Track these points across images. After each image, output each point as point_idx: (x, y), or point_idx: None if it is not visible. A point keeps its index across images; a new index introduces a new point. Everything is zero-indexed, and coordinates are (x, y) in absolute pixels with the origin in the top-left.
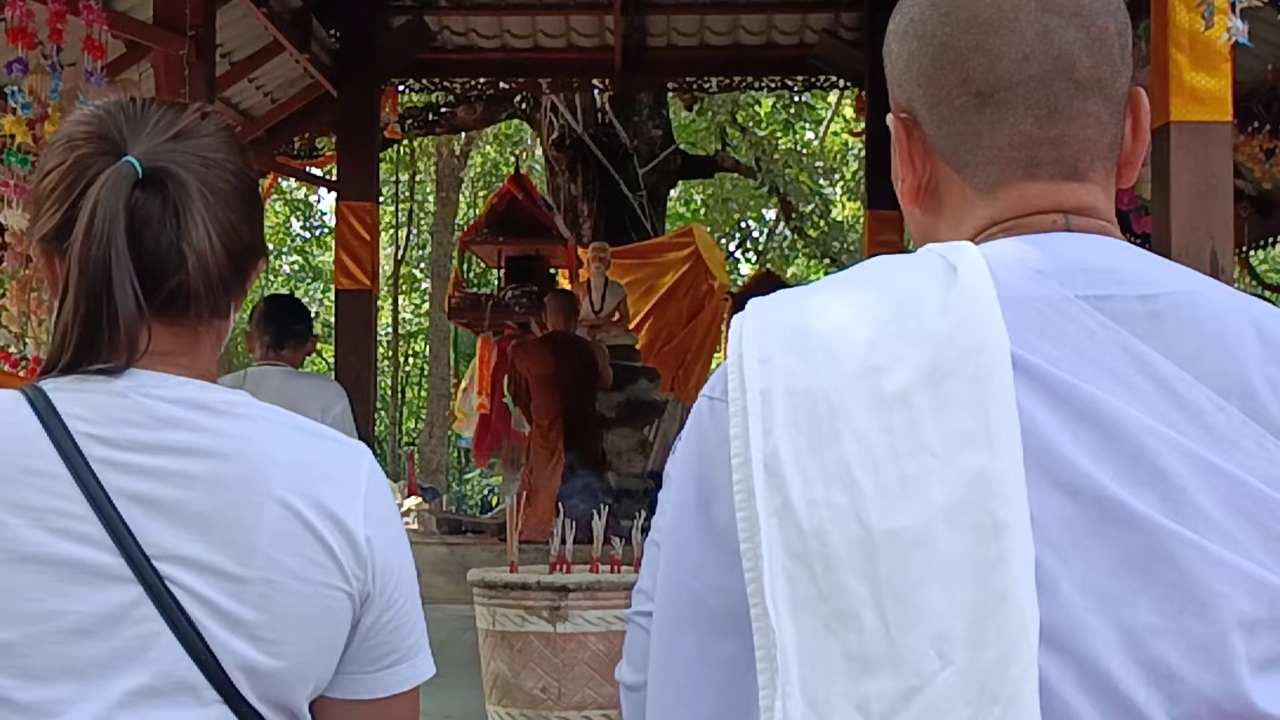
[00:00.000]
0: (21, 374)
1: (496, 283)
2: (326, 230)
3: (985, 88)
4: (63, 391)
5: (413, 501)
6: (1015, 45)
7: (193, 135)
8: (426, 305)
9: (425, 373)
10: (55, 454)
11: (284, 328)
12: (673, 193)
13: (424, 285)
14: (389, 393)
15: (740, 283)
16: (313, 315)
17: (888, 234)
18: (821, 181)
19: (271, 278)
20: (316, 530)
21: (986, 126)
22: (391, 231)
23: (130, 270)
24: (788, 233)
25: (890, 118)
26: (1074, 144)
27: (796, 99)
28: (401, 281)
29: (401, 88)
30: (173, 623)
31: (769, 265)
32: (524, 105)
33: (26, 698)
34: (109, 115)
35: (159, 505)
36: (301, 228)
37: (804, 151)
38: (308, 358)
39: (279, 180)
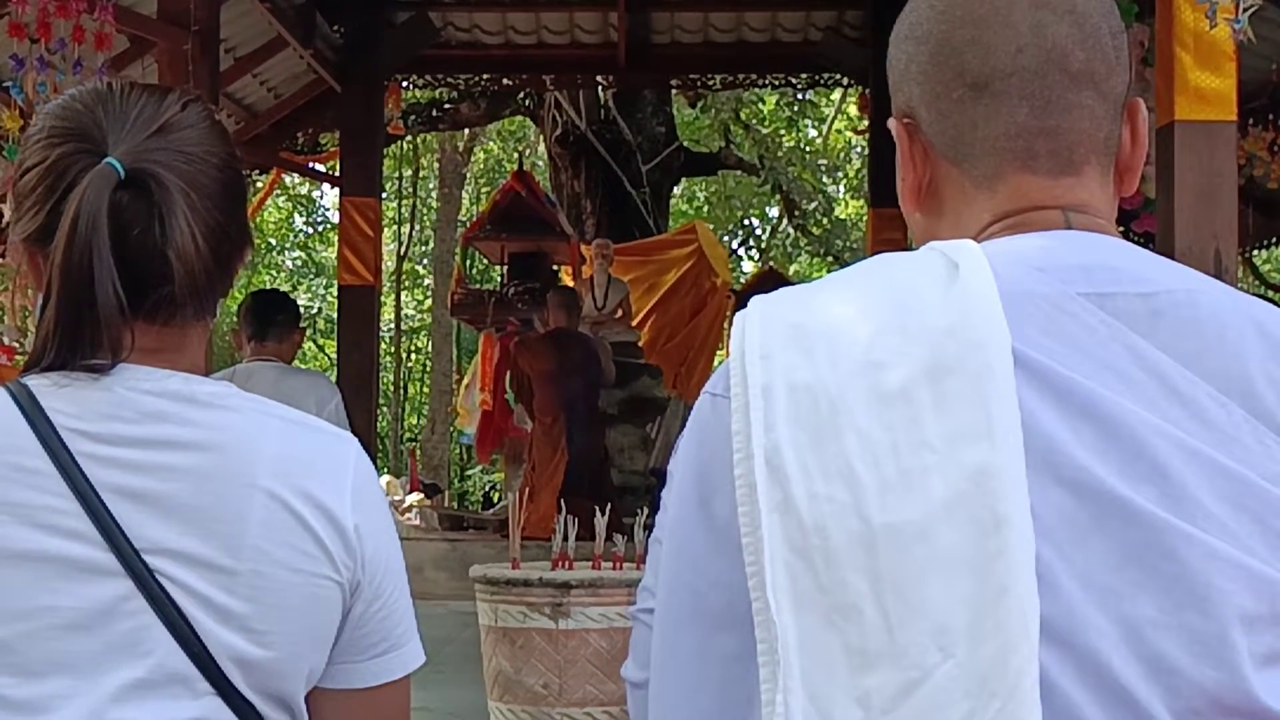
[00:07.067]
0: (21, 367)
1: (499, 279)
2: (329, 226)
3: (980, 79)
4: (48, 387)
5: (414, 497)
6: (1009, 38)
7: (175, 129)
8: (429, 301)
9: (428, 369)
10: (41, 450)
11: (265, 320)
12: (676, 190)
13: (427, 281)
14: (391, 388)
15: (743, 280)
16: (315, 311)
17: (891, 232)
18: (825, 179)
19: (274, 273)
20: (305, 520)
21: (983, 117)
22: (394, 227)
23: (114, 275)
24: (791, 230)
25: (892, 122)
26: (1069, 135)
27: (800, 96)
28: (404, 277)
29: (405, 83)
30: (164, 616)
31: (772, 263)
32: (527, 102)
33: (20, 694)
34: (87, 109)
35: (147, 499)
36: (304, 223)
37: (807, 149)
38: (297, 350)
39: (282, 175)
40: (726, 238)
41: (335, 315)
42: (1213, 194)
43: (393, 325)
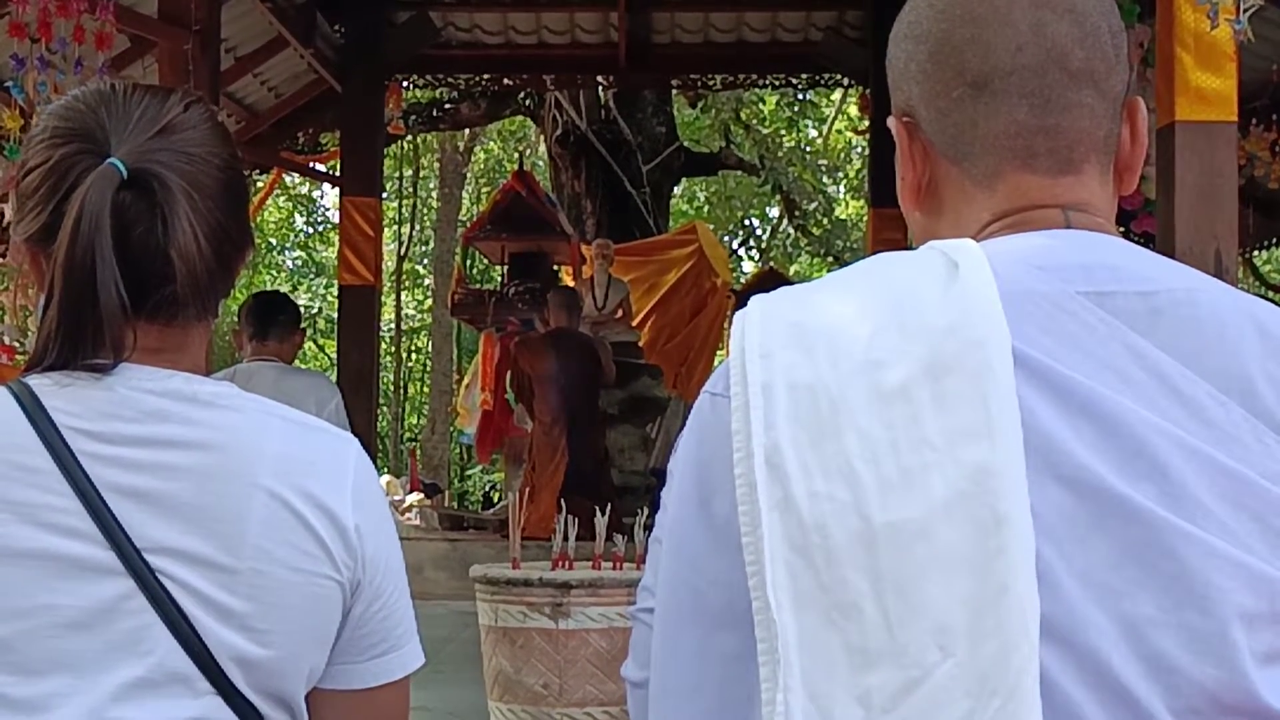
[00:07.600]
0: (22, 367)
1: (499, 279)
2: (330, 225)
3: (980, 77)
4: (49, 387)
5: (414, 497)
6: (1009, 37)
7: (177, 130)
8: (429, 301)
9: (428, 368)
10: (43, 449)
11: (266, 320)
12: (676, 190)
13: (427, 281)
14: (391, 388)
15: (743, 280)
16: (316, 311)
17: (891, 232)
18: (825, 179)
19: (274, 273)
20: (306, 520)
21: (982, 116)
22: (395, 227)
23: (116, 275)
24: (791, 230)
25: (891, 121)
26: (1069, 134)
27: (800, 97)
28: (405, 277)
29: (406, 83)
30: (165, 615)
31: (772, 263)
32: (528, 101)
33: (21, 693)
34: (90, 109)
35: (148, 498)
36: (305, 223)
37: (808, 149)
38: (298, 351)
39: (282, 175)
40: (727, 238)
41: (335, 315)
42: (1213, 194)
43: (393, 325)
